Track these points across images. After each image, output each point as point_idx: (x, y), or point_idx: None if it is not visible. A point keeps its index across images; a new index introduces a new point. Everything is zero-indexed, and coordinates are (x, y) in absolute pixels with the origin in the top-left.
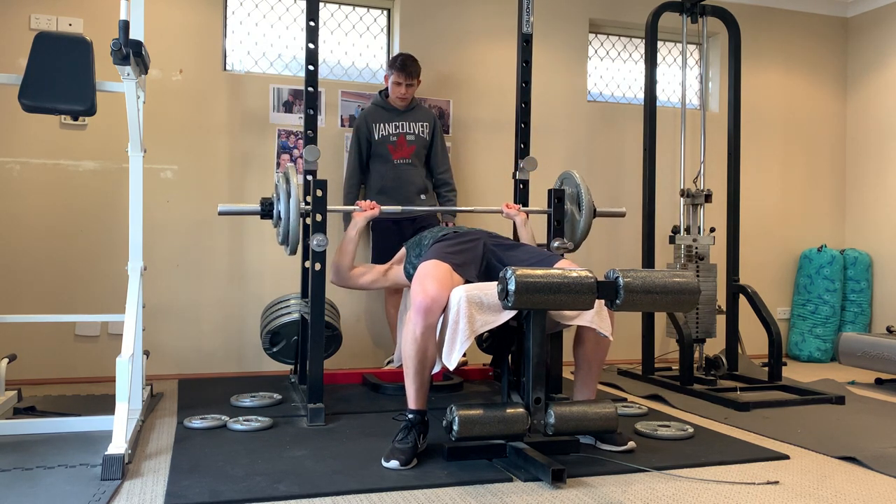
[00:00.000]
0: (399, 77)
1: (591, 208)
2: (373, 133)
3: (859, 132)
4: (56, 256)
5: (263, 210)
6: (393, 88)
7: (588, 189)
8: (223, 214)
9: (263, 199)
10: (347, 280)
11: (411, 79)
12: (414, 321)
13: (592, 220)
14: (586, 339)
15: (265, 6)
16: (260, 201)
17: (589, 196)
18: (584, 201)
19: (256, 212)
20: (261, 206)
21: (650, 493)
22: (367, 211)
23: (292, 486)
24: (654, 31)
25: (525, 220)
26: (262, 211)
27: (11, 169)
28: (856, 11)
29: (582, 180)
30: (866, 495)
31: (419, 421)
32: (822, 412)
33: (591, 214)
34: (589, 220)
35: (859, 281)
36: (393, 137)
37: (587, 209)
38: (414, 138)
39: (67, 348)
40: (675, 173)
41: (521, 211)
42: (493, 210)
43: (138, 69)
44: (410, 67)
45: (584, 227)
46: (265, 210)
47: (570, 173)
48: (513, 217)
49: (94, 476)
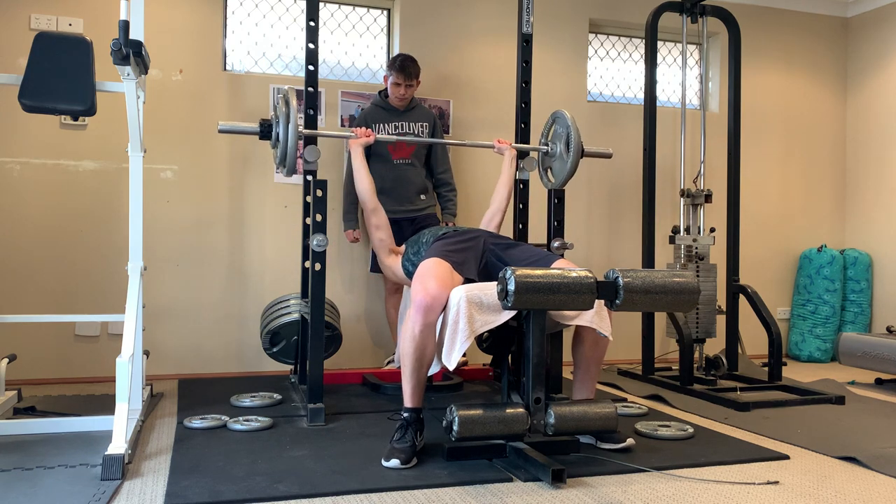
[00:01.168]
0: (399, 78)
1: (580, 148)
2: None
3: (859, 132)
4: (56, 256)
5: (262, 131)
6: (392, 89)
7: (578, 130)
8: (223, 132)
9: (263, 119)
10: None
11: (410, 80)
12: (413, 319)
13: (580, 159)
14: (585, 339)
15: (265, 6)
16: (259, 122)
17: (578, 136)
18: (574, 141)
19: (255, 132)
20: (260, 126)
21: (650, 493)
22: (362, 138)
23: (292, 486)
24: (654, 31)
25: (513, 155)
26: (262, 131)
27: (11, 169)
28: (856, 11)
29: (573, 121)
30: (866, 495)
31: (415, 419)
32: (822, 412)
33: (579, 154)
34: (576, 159)
35: (859, 281)
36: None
37: (575, 148)
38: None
39: (67, 348)
40: (675, 173)
41: (511, 147)
42: (484, 144)
43: (138, 69)
44: (410, 68)
45: (572, 167)
46: (264, 131)
47: (561, 113)
48: (503, 151)
49: (94, 476)
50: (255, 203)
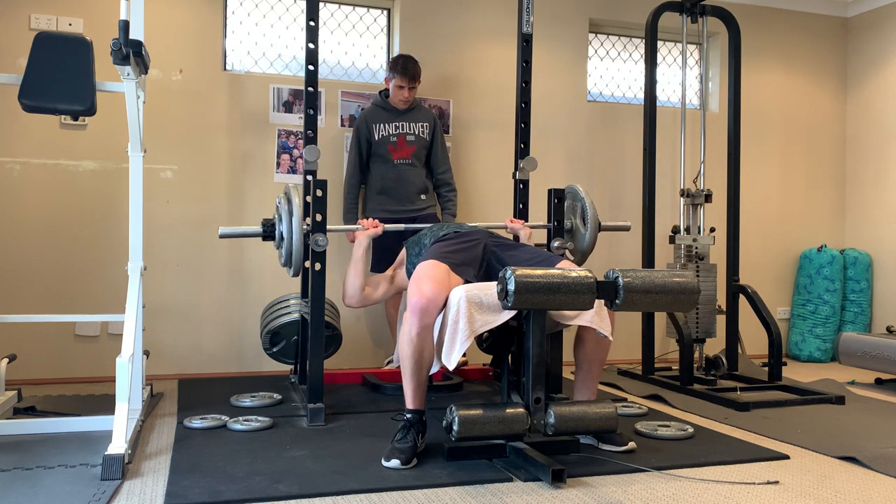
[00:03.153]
0: (402, 81)
1: (597, 222)
2: (373, 133)
3: (859, 132)
4: (56, 256)
5: (265, 231)
6: (395, 92)
7: (593, 203)
8: (224, 237)
9: (265, 220)
10: (362, 301)
11: (413, 82)
12: (410, 321)
13: (597, 234)
14: (586, 339)
15: (265, 6)
16: (262, 223)
17: (594, 210)
18: (590, 215)
19: (258, 234)
20: (262, 227)
21: (650, 493)
22: (370, 230)
23: (292, 486)
24: (654, 31)
25: (529, 234)
26: (264, 233)
27: (11, 169)
28: (856, 11)
29: (586, 194)
30: (866, 495)
31: (417, 420)
32: (822, 412)
33: (597, 229)
34: (594, 234)
35: (859, 281)
36: (393, 138)
37: (592, 223)
38: (414, 138)
39: (67, 348)
40: (675, 173)
41: (525, 226)
42: (497, 226)
43: (138, 69)
44: (412, 70)
45: (590, 242)
46: (267, 231)
47: (574, 188)
48: (517, 231)
49: (94, 476)
50: (255, 203)
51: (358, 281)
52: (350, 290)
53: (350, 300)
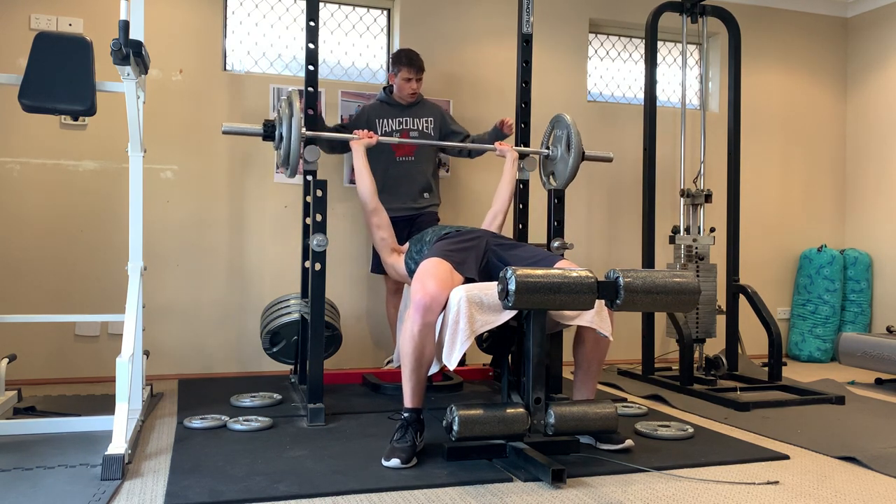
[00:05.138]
0: (409, 73)
1: (580, 150)
2: (375, 128)
3: (859, 132)
4: (56, 256)
5: (266, 131)
6: (402, 85)
7: (578, 132)
8: (227, 133)
9: (266, 120)
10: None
11: (420, 73)
12: (412, 319)
13: (580, 162)
14: (586, 339)
15: (265, 6)
16: (263, 123)
17: (578, 138)
18: (574, 143)
19: (259, 133)
20: (263, 127)
21: (650, 493)
22: (364, 139)
23: (292, 486)
24: (654, 31)
25: (515, 157)
26: (265, 132)
27: (11, 169)
28: (856, 11)
29: (573, 123)
30: (866, 495)
31: (415, 419)
32: (822, 412)
33: (580, 157)
34: (577, 161)
35: (859, 281)
36: (396, 133)
37: (576, 150)
38: (418, 134)
39: (67, 348)
40: (675, 173)
41: (512, 149)
42: (487, 148)
43: (138, 69)
44: (418, 61)
45: (573, 168)
46: (267, 131)
47: (561, 116)
48: (504, 154)
49: (94, 476)
50: (255, 203)
51: (367, 182)
52: (364, 191)
53: (367, 200)
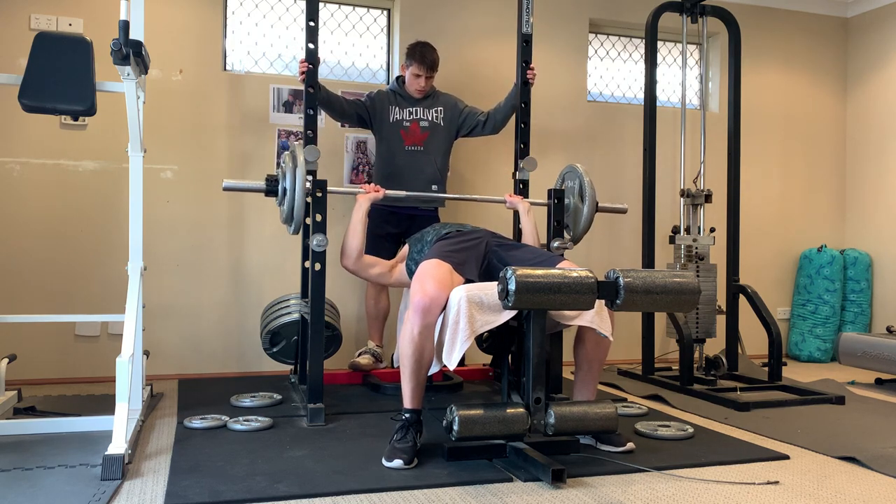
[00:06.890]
0: (419, 69)
1: (594, 202)
2: (386, 115)
3: (859, 132)
4: (56, 256)
5: (268, 187)
6: (411, 80)
7: (591, 182)
8: (227, 190)
9: (269, 175)
10: (357, 262)
11: (431, 71)
12: (412, 320)
13: (595, 214)
14: (586, 340)
15: (265, 6)
16: (265, 178)
17: (592, 190)
18: (588, 195)
19: (261, 189)
20: (266, 182)
21: (650, 493)
22: (371, 193)
23: (292, 486)
24: (654, 31)
25: (528, 208)
26: (267, 188)
27: (11, 169)
28: (856, 11)
29: (585, 173)
30: (866, 495)
31: (415, 420)
32: (822, 412)
33: (594, 208)
34: (591, 213)
35: (859, 281)
36: (406, 123)
37: (590, 202)
38: (428, 125)
39: (67, 348)
40: (675, 173)
41: (524, 201)
42: (496, 200)
43: (138, 69)
44: (430, 59)
45: (587, 221)
46: (270, 187)
47: (573, 167)
48: (516, 206)
49: (94, 476)
50: (255, 203)
51: (356, 242)
52: (348, 250)
53: (347, 260)
